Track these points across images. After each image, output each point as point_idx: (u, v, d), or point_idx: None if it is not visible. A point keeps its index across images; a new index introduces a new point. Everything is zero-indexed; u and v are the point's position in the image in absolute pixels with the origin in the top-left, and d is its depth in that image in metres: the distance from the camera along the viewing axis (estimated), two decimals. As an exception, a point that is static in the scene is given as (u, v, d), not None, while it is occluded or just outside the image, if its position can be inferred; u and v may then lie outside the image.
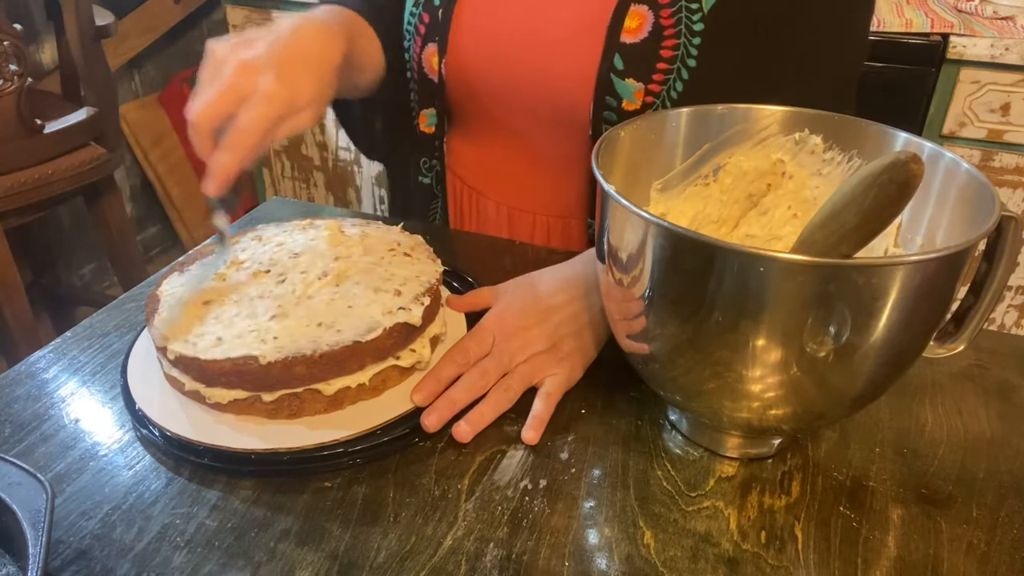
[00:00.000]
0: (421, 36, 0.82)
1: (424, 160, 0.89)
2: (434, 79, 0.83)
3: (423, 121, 0.86)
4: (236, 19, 2.08)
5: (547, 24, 0.77)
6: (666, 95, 0.73)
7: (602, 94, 0.74)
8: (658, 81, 0.73)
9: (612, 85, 0.74)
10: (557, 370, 0.62)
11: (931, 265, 0.45)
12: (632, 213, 0.47)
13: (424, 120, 0.86)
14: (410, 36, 0.84)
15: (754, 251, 0.44)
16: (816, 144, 0.61)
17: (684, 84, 0.73)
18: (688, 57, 0.72)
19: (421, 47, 0.82)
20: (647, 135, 0.62)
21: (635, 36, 0.73)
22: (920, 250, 0.57)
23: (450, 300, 0.70)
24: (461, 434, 0.58)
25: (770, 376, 0.48)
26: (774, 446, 0.57)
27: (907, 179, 0.43)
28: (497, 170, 0.87)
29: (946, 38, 1.52)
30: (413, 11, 0.83)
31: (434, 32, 0.81)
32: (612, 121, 0.74)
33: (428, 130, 0.86)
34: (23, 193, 1.52)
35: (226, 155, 0.56)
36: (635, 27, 0.72)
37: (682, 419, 0.60)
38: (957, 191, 0.53)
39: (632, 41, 0.73)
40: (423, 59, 0.83)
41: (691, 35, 0.72)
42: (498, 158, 0.87)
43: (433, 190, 0.90)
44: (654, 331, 0.51)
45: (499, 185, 0.87)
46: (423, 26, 0.82)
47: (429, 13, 0.81)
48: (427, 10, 0.82)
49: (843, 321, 0.45)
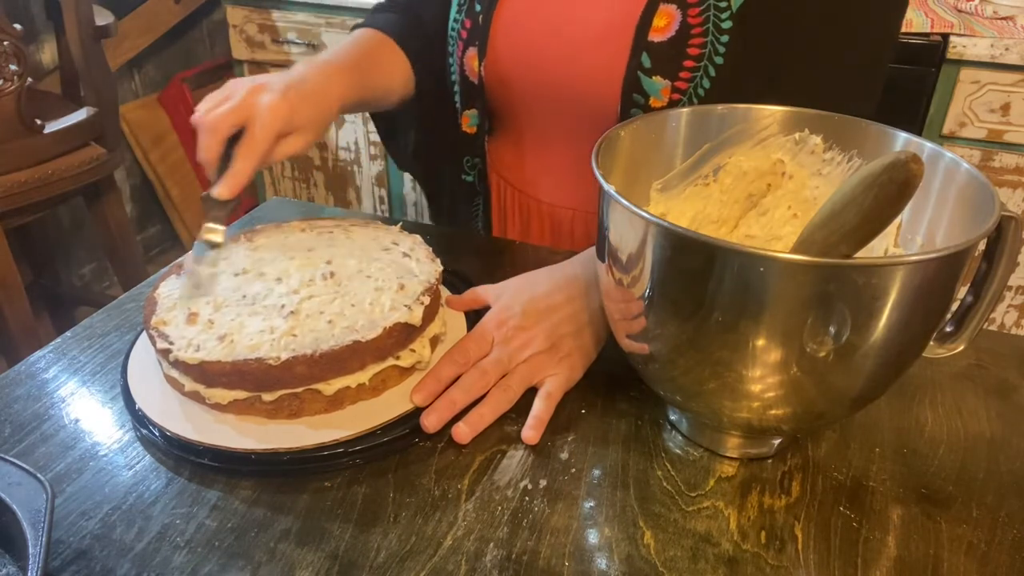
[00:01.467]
0: (463, 40, 0.86)
1: (467, 159, 0.92)
2: (475, 81, 0.85)
3: (466, 122, 0.89)
4: (236, 19, 2.08)
5: (578, 25, 0.79)
6: (692, 92, 0.74)
7: (629, 91, 0.76)
8: (685, 79, 0.74)
9: (639, 82, 0.75)
10: (557, 370, 0.62)
11: (931, 265, 0.45)
12: (632, 213, 0.47)
13: (467, 120, 0.89)
14: (453, 41, 0.87)
15: (754, 251, 0.44)
16: (816, 144, 0.61)
17: (711, 81, 0.74)
18: (715, 55, 0.73)
19: (463, 51, 0.86)
20: (647, 135, 0.62)
21: (663, 34, 0.74)
22: (920, 250, 0.57)
23: (450, 300, 0.70)
24: (460, 435, 0.58)
25: (770, 376, 0.48)
26: (774, 446, 0.57)
27: (907, 179, 0.43)
28: (534, 167, 0.89)
29: (946, 38, 1.52)
30: (456, 17, 0.87)
31: (475, 36, 0.84)
32: None
33: (471, 130, 0.89)
34: (23, 193, 1.51)
35: (241, 162, 0.64)
36: (663, 26, 0.74)
37: (682, 419, 0.60)
38: (957, 191, 0.53)
39: (660, 39, 0.74)
40: (465, 62, 0.86)
41: (719, 33, 0.72)
42: (534, 155, 0.89)
43: (476, 187, 0.93)
44: (654, 331, 0.51)
45: (536, 181, 0.90)
46: (465, 31, 0.85)
47: (471, 19, 0.85)
48: (469, 16, 0.85)
49: (843, 321, 0.45)
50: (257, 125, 0.64)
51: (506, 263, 0.80)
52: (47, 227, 2.07)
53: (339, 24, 1.98)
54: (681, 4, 0.73)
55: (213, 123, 0.63)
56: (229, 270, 0.65)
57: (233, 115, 0.64)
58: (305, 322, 0.58)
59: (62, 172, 1.57)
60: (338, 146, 2.15)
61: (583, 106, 0.80)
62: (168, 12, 2.27)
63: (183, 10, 2.31)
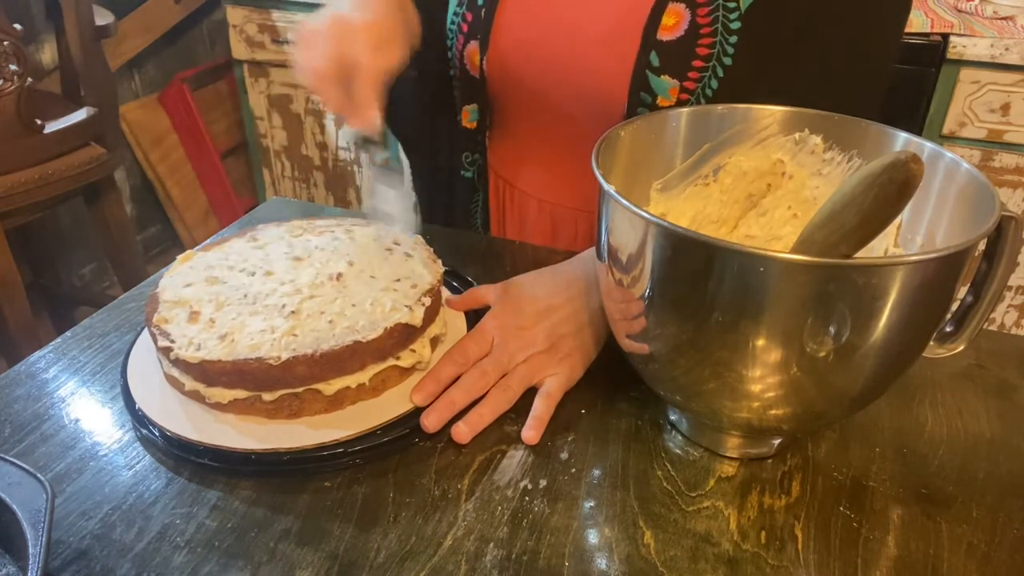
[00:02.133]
0: (464, 35, 0.85)
1: (466, 155, 0.91)
2: (476, 76, 0.85)
3: (465, 117, 0.89)
4: (236, 19, 2.08)
5: (585, 22, 0.79)
6: (701, 92, 0.74)
7: (637, 90, 0.75)
8: (693, 79, 0.74)
9: (647, 81, 0.75)
10: (557, 370, 0.62)
11: (931, 265, 0.45)
12: (632, 213, 0.47)
13: (467, 116, 0.89)
14: (453, 35, 0.86)
15: (754, 251, 0.44)
16: (816, 144, 0.61)
17: (719, 82, 0.74)
18: (724, 55, 0.73)
19: (463, 45, 0.85)
20: (647, 135, 0.62)
21: (672, 33, 0.74)
22: (920, 250, 0.57)
23: (450, 300, 0.70)
24: (460, 435, 0.58)
25: (770, 376, 0.48)
26: (774, 446, 0.57)
27: (907, 179, 0.43)
28: (535, 165, 0.89)
29: (946, 38, 1.52)
30: (457, 11, 0.86)
31: (476, 30, 0.83)
32: None
33: (470, 125, 0.89)
34: (23, 193, 1.51)
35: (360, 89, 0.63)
36: (672, 24, 0.74)
37: (682, 419, 0.60)
38: (957, 191, 0.53)
39: (669, 38, 0.74)
40: (465, 57, 0.85)
41: (728, 33, 0.72)
42: (535, 153, 0.88)
43: (475, 184, 0.93)
44: (654, 331, 0.51)
45: (536, 180, 0.89)
46: (466, 24, 0.85)
47: (472, 12, 0.84)
48: (470, 9, 0.84)
49: (843, 321, 0.45)
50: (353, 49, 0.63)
51: (507, 264, 0.80)
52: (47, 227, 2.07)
53: (339, 24, 1.97)
54: (690, 3, 0.73)
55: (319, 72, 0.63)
56: (229, 270, 0.65)
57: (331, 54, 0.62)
58: (306, 322, 0.58)
59: (62, 172, 1.57)
60: (338, 146, 2.15)
61: (588, 104, 0.80)
62: (168, 12, 2.27)
63: (183, 10, 2.31)
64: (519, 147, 0.90)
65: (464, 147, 0.91)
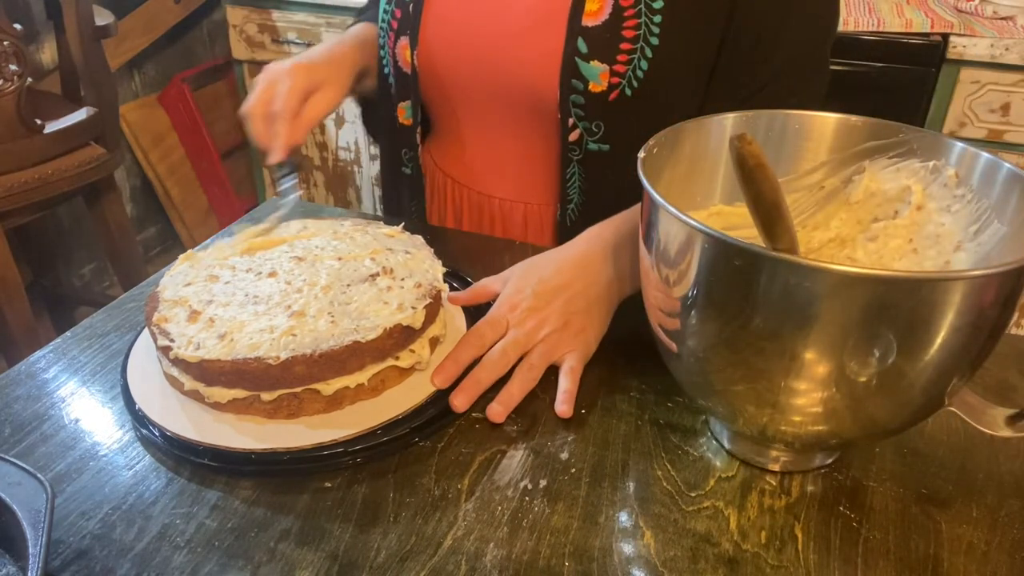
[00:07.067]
0: (394, 31, 0.85)
1: (405, 151, 0.92)
2: (408, 72, 0.85)
3: (401, 114, 0.89)
4: (236, 19, 2.08)
5: (511, 13, 0.79)
6: (632, 75, 0.75)
7: (568, 77, 0.76)
8: (623, 62, 0.74)
9: (577, 68, 0.75)
10: (574, 346, 0.64)
11: (990, 281, 0.43)
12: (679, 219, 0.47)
13: (402, 113, 0.89)
14: (384, 32, 0.87)
15: (804, 262, 0.43)
16: (950, 176, 0.57)
17: (649, 63, 0.74)
18: (650, 35, 0.73)
19: (395, 41, 0.85)
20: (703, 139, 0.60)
21: (596, 19, 0.74)
22: (976, 265, 0.54)
23: (454, 295, 0.71)
24: (495, 415, 0.60)
25: (813, 391, 0.47)
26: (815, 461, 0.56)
27: (738, 158, 0.45)
28: (471, 159, 0.89)
29: (946, 38, 1.52)
30: (387, 8, 0.86)
31: (406, 26, 0.84)
32: (580, 104, 0.76)
33: (406, 122, 0.89)
34: (23, 193, 1.51)
35: (278, 124, 0.73)
36: (595, 10, 0.74)
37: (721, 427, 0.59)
38: (1017, 203, 0.52)
39: (594, 24, 0.74)
40: (397, 53, 0.86)
41: (651, 13, 0.73)
42: (477, 149, 0.88)
43: (414, 180, 0.93)
44: (691, 328, 0.50)
45: (474, 173, 0.89)
46: (395, 21, 0.85)
47: (401, 8, 0.84)
48: (399, 6, 0.85)
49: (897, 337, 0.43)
50: (280, 88, 0.73)
51: (507, 264, 0.80)
52: (47, 227, 2.07)
53: (339, 24, 1.98)
54: None
55: (248, 111, 0.74)
56: (229, 270, 0.65)
57: (261, 95, 0.74)
58: (305, 322, 0.58)
59: (62, 172, 1.57)
60: (338, 146, 2.15)
61: (521, 94, 0.80)
62: (168, 12, 2.27)
63: (183, 10, 2.31)
64: (456, 140, 0.90)
65: (401, 144, 0.91)
